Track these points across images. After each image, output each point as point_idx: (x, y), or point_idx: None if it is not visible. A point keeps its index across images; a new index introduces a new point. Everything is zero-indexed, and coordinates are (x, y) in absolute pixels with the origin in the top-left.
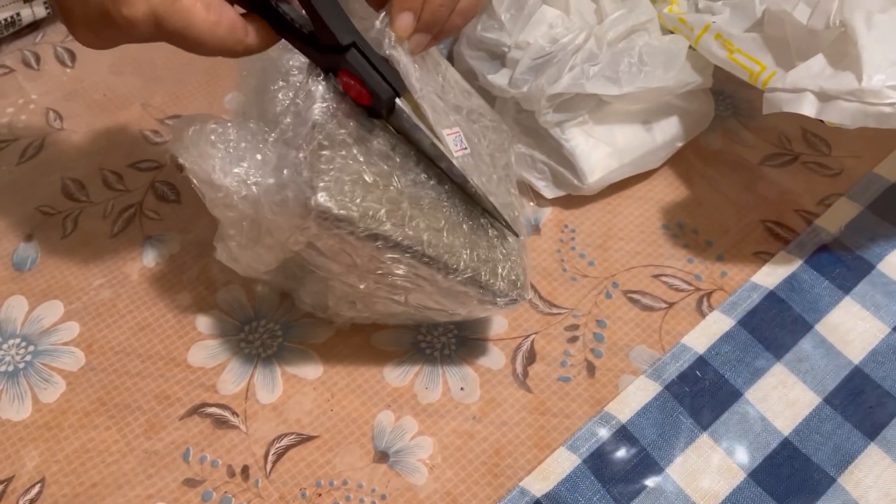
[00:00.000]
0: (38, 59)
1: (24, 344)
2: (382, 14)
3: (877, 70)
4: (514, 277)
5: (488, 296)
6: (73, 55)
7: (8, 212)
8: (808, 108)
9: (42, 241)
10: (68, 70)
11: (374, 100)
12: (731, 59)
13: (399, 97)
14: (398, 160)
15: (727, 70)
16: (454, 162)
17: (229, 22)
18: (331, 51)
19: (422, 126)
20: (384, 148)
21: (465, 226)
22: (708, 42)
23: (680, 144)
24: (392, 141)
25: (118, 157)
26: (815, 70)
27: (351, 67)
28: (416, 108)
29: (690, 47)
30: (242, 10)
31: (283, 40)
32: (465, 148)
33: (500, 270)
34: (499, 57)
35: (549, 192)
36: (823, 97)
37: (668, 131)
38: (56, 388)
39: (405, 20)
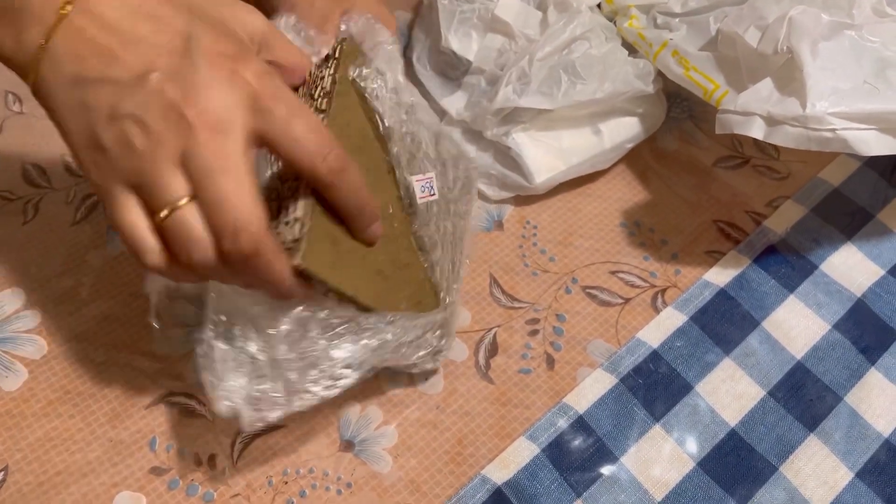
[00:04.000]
0: None
1: None
2: None
3: (820, 97)
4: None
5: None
6: None
7: None
8: (757, 131)
9: (2, 227)
10: None
11: None
12: (687, 77)
13: None
14: None
15: (684, 86)
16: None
17: None
18: None
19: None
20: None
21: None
22: (665, 58)
23: (630, 146)
24: None
25: None
26: (763, 94)
27: None
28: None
29: (632, 55)
30: None
31: None
32: (433, 195)
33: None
34: (452, 80)
35: (494, 193)
36: (770, 122)
37: (617, 133)
38: (18, 377)
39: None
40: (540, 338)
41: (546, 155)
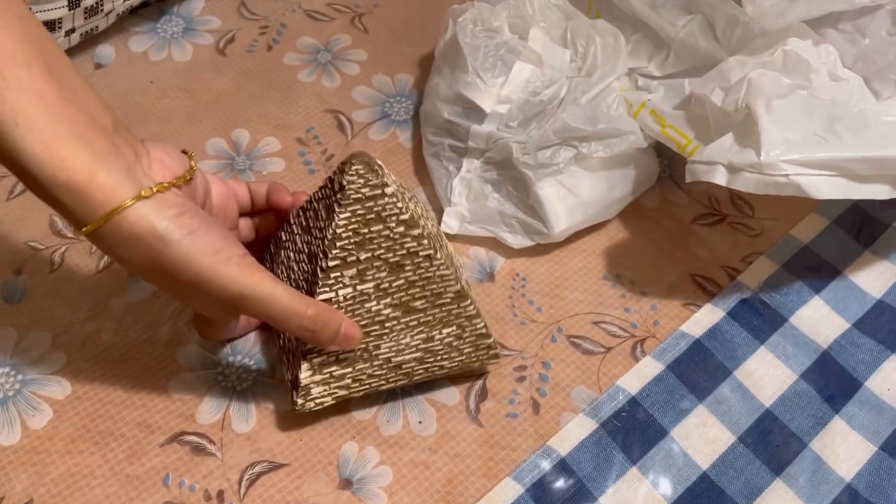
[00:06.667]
0: None
1: (13, 373)
2: None
3: (773, 146)
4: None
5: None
6: None
7: None
8: (720, 178)
9: (30, 274)
10: None
11: None
12: (664, 133)
13: None
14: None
15: (661, 141)
16: None
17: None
18: None
19: None
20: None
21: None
22: (644, 117)
23: (631, 199)
24: None
25: None
26: (725, 146)
27: None
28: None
29: None
30: None
31: None
32: None
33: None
34: (477, 110)
35: (515, 242)
36: (731, 169)
37: (624, 186)
38: (43, 416)
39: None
40: (527, 384)
41: (566, 203)
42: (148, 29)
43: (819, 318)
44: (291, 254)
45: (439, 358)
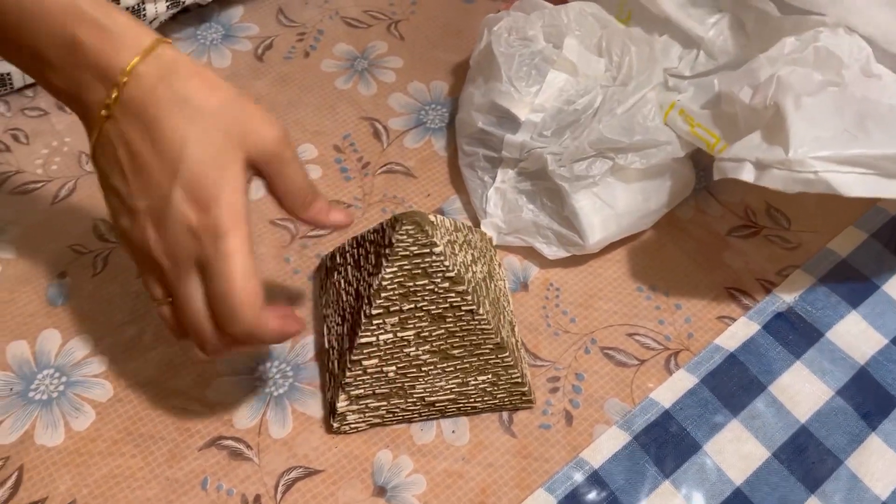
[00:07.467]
0: None
1: (57, 375)
2: None
3: (801, 143)
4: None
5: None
6: None
7: (43, 250)
8: (747, 174)
9: (74, 278)
10: None
11: None
12: (693, 133)
13: None
14: None
15: (690, 141)
16: None
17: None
18: None
19: None
20: None
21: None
22: (674, 117)
23: (667, 210)
24: None
25: None
26: (754, 143)
27: None
28: None
29: None
30: None
31: None
32: None
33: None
34: (512, 119)
35: (551, 253)
36: (759, 166)
37: (660, 197)
38: (86, 417)
39: None
40: (560, 395)
41: (601, 214)
42: (188, 35)
43: (856, 334)
44: (343, 282)
45: (472, 400)
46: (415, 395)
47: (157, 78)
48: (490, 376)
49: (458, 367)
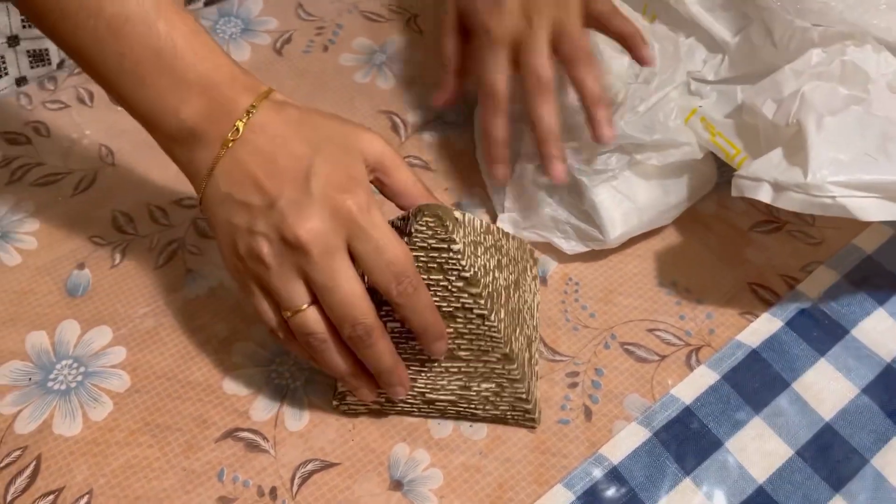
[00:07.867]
0: (91, 97)
1: (75, 365)
2: None
3: (821, 167)
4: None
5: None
6: None
7: (63, 240)
8: (765, 195)
9: (93, 269)
10: (118, 108)
11: None
12: (713, 141)
13: None
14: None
15: (710, 149)
16: None
17: None
18: None
19: None
20: None
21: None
22: (694, 123)
23: (688, 204)
24: None
25: (163, 194)
26: (773, 162)
27: None
28: None
29: None
30: None
31: None
32: None
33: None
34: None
35: (569, 248)
36: (777, 188)
37: (680, 192)
38: (104, 408)
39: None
40: (579, 390)
41: (622, 209)
42: (208, 29)
43: (882, 331)
44: None
45: (473, 406)
46: (415, 390)
47: (277, 109)
48: (494, 385)
49: (462, 369)
